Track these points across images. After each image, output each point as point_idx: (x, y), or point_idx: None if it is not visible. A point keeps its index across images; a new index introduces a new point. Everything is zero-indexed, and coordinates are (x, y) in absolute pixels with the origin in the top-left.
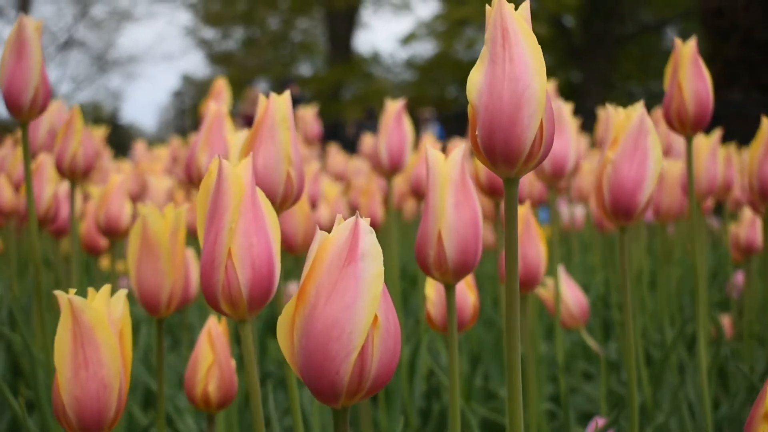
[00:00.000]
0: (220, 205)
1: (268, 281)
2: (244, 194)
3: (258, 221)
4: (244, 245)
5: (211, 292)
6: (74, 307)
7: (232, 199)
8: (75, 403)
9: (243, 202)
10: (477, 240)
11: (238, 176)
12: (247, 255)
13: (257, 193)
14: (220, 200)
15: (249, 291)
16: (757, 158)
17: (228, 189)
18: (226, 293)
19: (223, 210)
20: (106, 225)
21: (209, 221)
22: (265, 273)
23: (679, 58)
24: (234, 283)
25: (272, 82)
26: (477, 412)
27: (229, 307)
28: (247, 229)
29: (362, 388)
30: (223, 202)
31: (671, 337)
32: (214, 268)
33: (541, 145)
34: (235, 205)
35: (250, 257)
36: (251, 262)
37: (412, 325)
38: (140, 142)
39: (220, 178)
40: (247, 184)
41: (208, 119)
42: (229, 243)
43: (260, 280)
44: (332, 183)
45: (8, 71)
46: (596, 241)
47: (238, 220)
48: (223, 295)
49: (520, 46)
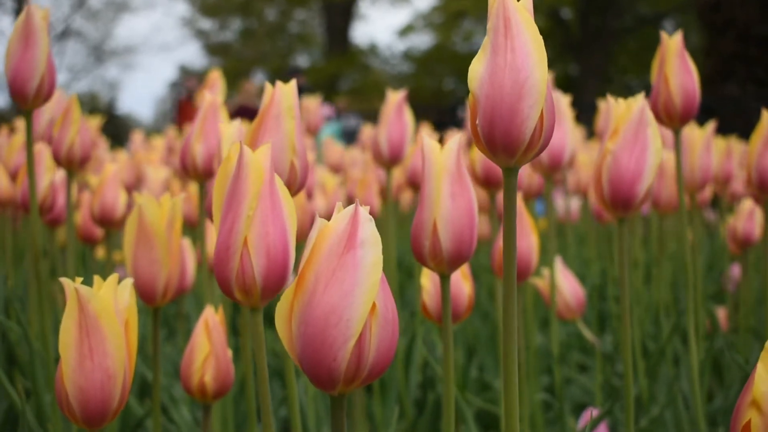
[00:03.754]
0: (238, 192)
1: (283, 270)
2: (263, 181)
3: (275, 209)
4: (260, 233)
5: (224, 279)
6: (80, 296)
7: (251, 186)
8: (79, 393)
9: (261, 189)
10: (472, 230)
11: (258, 163)
12: (263, 243)
13: (276, 181)
14: (239, 187)
15: (263, 279)
16: (757, 151)
17: (247, 176)
18: (240, 281)
19: (241, 197)
20: (100, 215)
21: (226, 207)
22: (280, 261)
23: (666, 52)
24: (248, 271)
25: (271, 72)
26: (472, 402)
27: (242, 295)
28: (265, 217)
29: (360, 375)
30: (241, 188)
31: (666, 329)
32: (230, 255)
33: (541, 136)
34: (254, 193)
35: (265, 245)
36: (266, 250)
37: (408, 316)
38: (137, 133)
39: (240, 165)
40: (266, 171)
41: (202, 109)
42: (245, 230)
43: (275, 269)
44: (330, 174)
45: (15, 60)
46: (592, 233)
47: (256, 207)
48: (237, 282)
49: (521, 37)
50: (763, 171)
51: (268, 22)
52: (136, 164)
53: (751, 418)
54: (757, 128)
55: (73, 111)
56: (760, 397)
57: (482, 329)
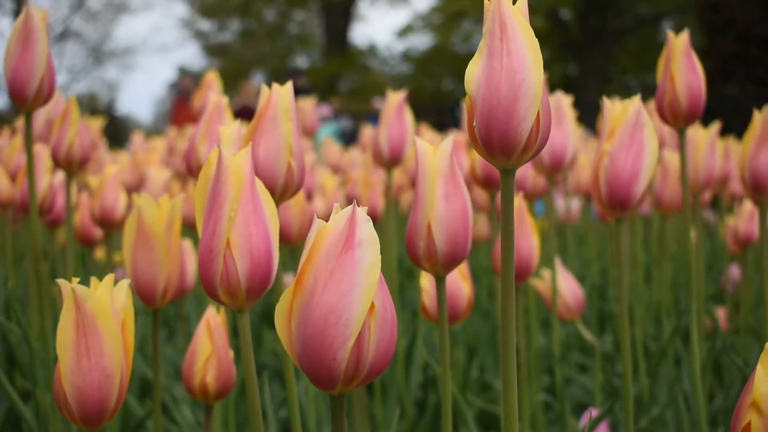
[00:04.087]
0: (219, 195)
1: (267, 271)
2: (244, 184)
3: (257, 211)
4: (243, 235)
5: (209, 281)
6: (77, 296)
7: (231, 189)
8: (76, 393)
9: (242, 191)
10: (466, 231)
11: (237, 166)
12: (246, 244)
13: (256, 183)
14: (219, 190)
15: (247, 280)
16: (750, 151)
17: (227, 179)
18: (224, 282)
19: (222, 199)
20: (100, 216)
21: (208, 211)
22: (264, 263)
23: (672, 51)
24: (232, 273)
25: (270, 73)
26: (473, 403)
27: (227, 297)
28: (246, 218)
29: (359, 374)
30: (222, 191)
31: (666, 329)
32: (213, 257)
33: (538, 137)
34: (234, 195)
35: (248, 247)
36: (250, 251)
37: (408, 317)
38: (138, 134)
39: (219, 168)
40: (246, 174)
41: (208, 110)
42: (227, 232)
43: (258, 270)
44: (329, 175)
45: (14, 61)
46: (592, 234)
47: (237, 209)
48: (221, 284)
49: (517, 40)
50: (757, 172)
51: (267, 23)
52: (136, 165)
53: (751, 419)
54: (750, 128)
55: (71, 112)
56: (760, 399)
57: (483, 329)
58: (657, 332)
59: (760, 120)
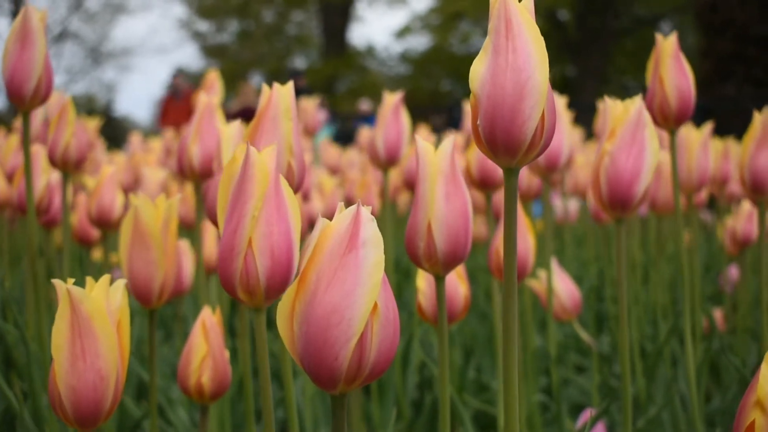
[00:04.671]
0: (244, 193)
1: (287, 270)
2: (269, 182)
3: (281, 210)
4: (265, 233)
5: (228, 279)
6: (72, 297)
7: (257, 187)
8: (71, 394)
9: (267, 190)
10: (467, 231)
11: (263, 163)
12: (267, 243)
13: (281, 182)
14: (244, 187)
15: (267, 279)
16: (749, 152)
17: (253, 176)
18: (243, 281)
19: (246, 197)
20: (97, 216)
21: (231, 207)
22: (284, 262)
23: (661, 54)
24: (252, 272)
25: (268, 74)
26: (470, 403)
27: (245, 295)
28: (269, 217)
29: (361, 374)
30: (247, 189)
31: (664, 330)
32: (234, 255)
33: (542, 136)
34: (259, 193)
35: (269, 246)
36: (271, 251)
37: (405, 317)
38: (136, 135)
39: (246, 165)
40: (272, 172)
41: (199, 111)
42: (250, 231)
43: (279, 269)
44: (327, 175)
45: (12, 61)
46: (590, 235)
47: (261, 208)
48: (240, 282)
49: (523, 38)
50: (756, 173)
51: (265, 24)
52: (133, 166)
53: (755, 418)
54: (750, 129)
55: (68, 113)
56: (765, 398)
57: (480, 330)
58: (654, 333)
59: (760, 121)
